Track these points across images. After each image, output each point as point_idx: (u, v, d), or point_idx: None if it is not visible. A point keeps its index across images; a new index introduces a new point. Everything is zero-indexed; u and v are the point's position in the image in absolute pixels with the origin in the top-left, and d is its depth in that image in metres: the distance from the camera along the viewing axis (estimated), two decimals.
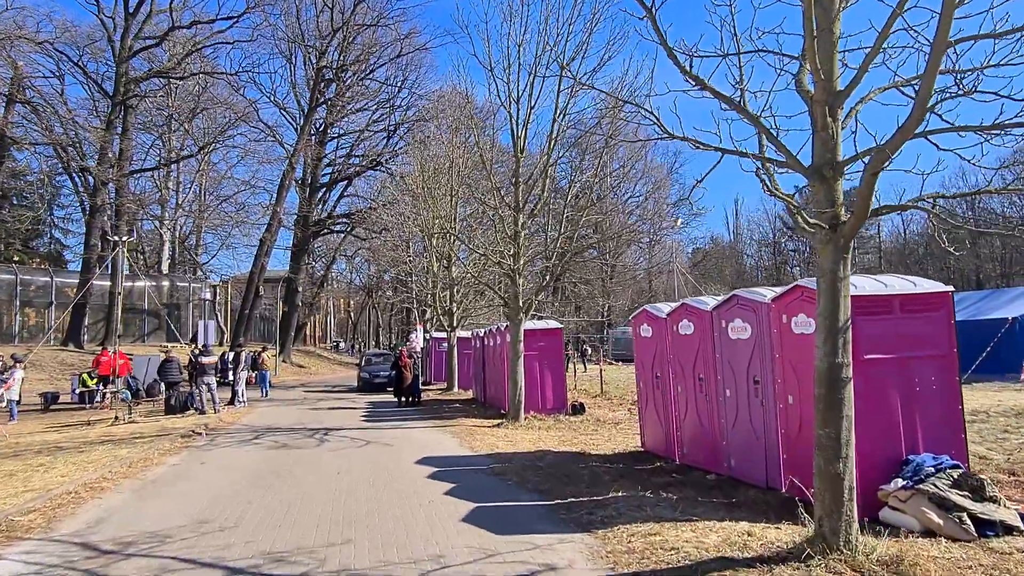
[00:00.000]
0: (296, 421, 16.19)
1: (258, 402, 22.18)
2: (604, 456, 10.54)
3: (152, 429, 14.97)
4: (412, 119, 42.84)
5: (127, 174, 34.86)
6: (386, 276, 58.13)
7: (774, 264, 78.41)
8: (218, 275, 53.51)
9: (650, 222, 51.27)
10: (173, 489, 8.37)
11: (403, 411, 18.67)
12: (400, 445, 12.04)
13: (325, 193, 46.59)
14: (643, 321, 10.81)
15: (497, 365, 18.61)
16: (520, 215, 15.26)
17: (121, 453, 11.06)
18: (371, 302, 69.13)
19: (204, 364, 18.47)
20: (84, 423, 16.94)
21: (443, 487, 8.24)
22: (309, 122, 39.57)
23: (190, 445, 12.29)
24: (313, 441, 12.68)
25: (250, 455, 11.02)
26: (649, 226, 52.23)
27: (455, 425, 14.92)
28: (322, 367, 45.51)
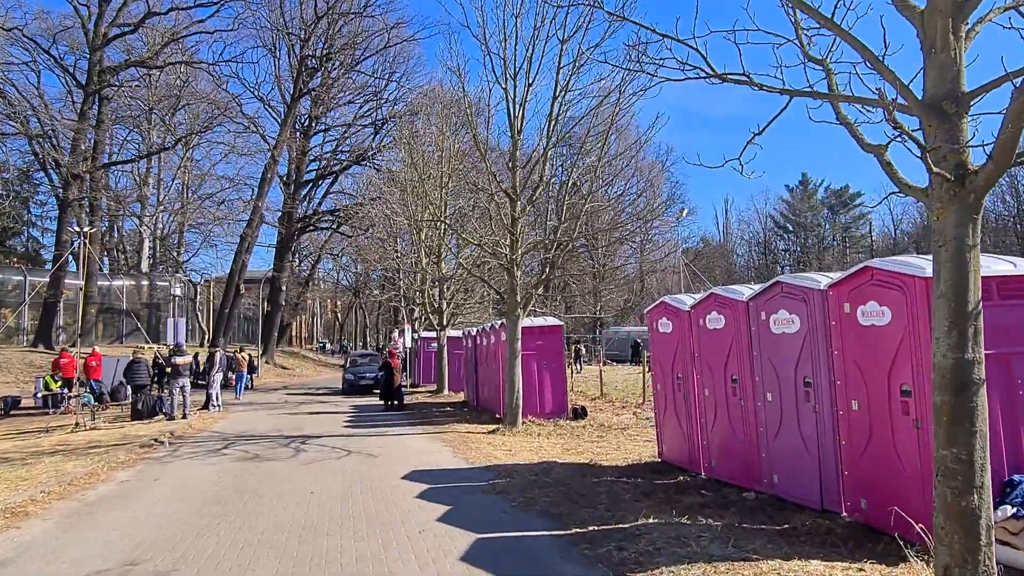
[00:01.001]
0: (272, 427, 14.81)
1: (234, 405, 20.76)
2: (618, 469, 9.25)
3: (113, 437, 13.55)
4: (400, 113, 41.44)
5: (100, 167, 33.28)
6: (373, 275, 56.73)
7: (764, 263, 77.71)
8: (200, 274, 51.93)
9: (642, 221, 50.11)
10: (110, 516, 7.00)
11: (389, 415, 17.33)
12: (386, 455, 10.71)
13: (310, 190, 45.16)
14: (661, 315, 9.54)
15: (491, 366, 17.32)
16: (518, 202, 13.97)
17: (67, 467, 9.67)
18: (358, 302, 67.61)
19: (177, 365, 17.05)
20: (42, 430, 15.52)
21: (436, 511, 6.93)
22: (292, 113, 38.06)
23: (148, 457, 10.90)
24: (288, 451, 11.31)
25: (213, 469, 9.65)
26: (640, 225, 51.06)
27: (447, 431, 13.60)
28: (307, 368, 43.99)
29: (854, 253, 73.96)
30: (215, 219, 44.11)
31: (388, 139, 42.02)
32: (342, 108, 44.77)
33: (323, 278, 66.25)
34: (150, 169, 47.16)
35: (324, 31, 38.78)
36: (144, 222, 46.26)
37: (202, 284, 49.64)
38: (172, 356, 17.47)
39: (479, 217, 17.94)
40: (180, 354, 17.52)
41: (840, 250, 76.27)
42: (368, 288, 59.68)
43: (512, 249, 13.67)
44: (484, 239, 14.76)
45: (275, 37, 40.18)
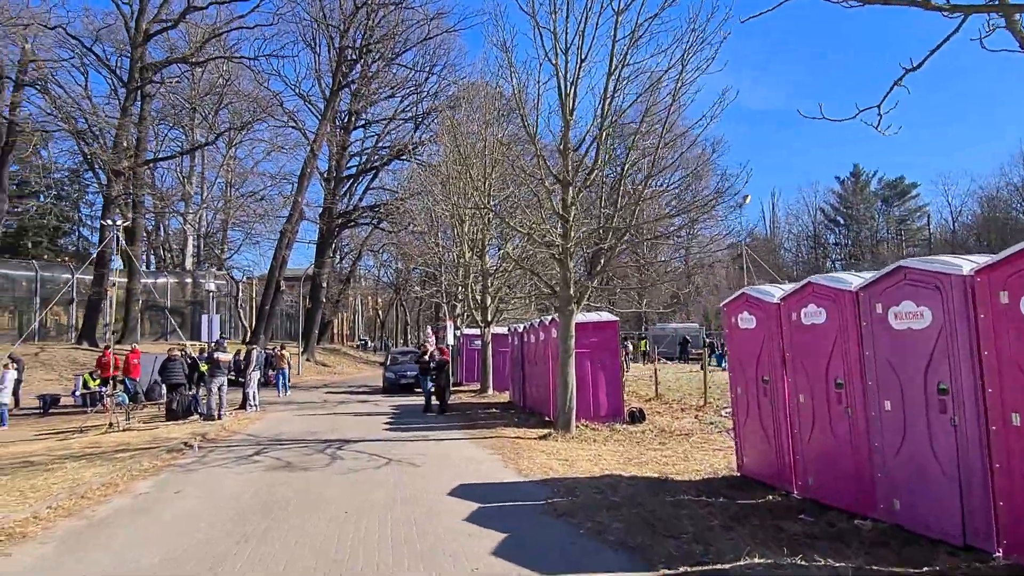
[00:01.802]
0: (309, 429, 13.95)
1: (273, 404, 20.07)
2: (692, 485, 8.07)
3: (143, 439, 12.87)
4: (440, 107, 40.60)
5: (142, 163, 33.14)
6: (414, 272, 56.16)
7: (813, 257, 75.15)
8: (242, 272, 52.03)
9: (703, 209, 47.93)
10: (116, 540, 6.12)
11: (432, 417, 16.35)
12: (429, 465, 9.70)
13: (351, 186, 44.70)
14: (742, 308, 8.32)
15: (539, 364, 16.23)
16: (570, 187, 12.83)
17: (85, 475, 8.90)
18: (399, 299, 67.18)
19: (219, 361, 16.39)
20: (76, 430, 15.00)
21: (489, 540, 5.87)
22: (332, 106, 37.46)
23: (173, 464, 10.09)
24: (323, 458, 10.39)
25: (240, 481, 8.76)
26: (700, 214, 48.96)
27: (494, 436, 12.55)
28: (347, 366, 43.51)
29: (911, 247, 70.95)
30: (256, 216, 44.06)
31: (429, 133, 41.28)
32: (382, 103, 44.23)
33: (364, 275, 66.07)
34: (193, 167, 47.37)
35: (363, 22, 38.13)
36: (188, 220, 46.40)
37: (244, 281, 49.67)
38: (214, 352, 16.82)
39: (526, 207, 16.85)
40: (222, 350, 16.86)
41: (896, 243, 73.21)
42: (409, 285, 59.18)
43: (565, 238, 12.53)
44: (534, 227, 13.66)
45: (315, 31, 39.77)
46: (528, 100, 13.26)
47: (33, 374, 26.51)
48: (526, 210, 13.23)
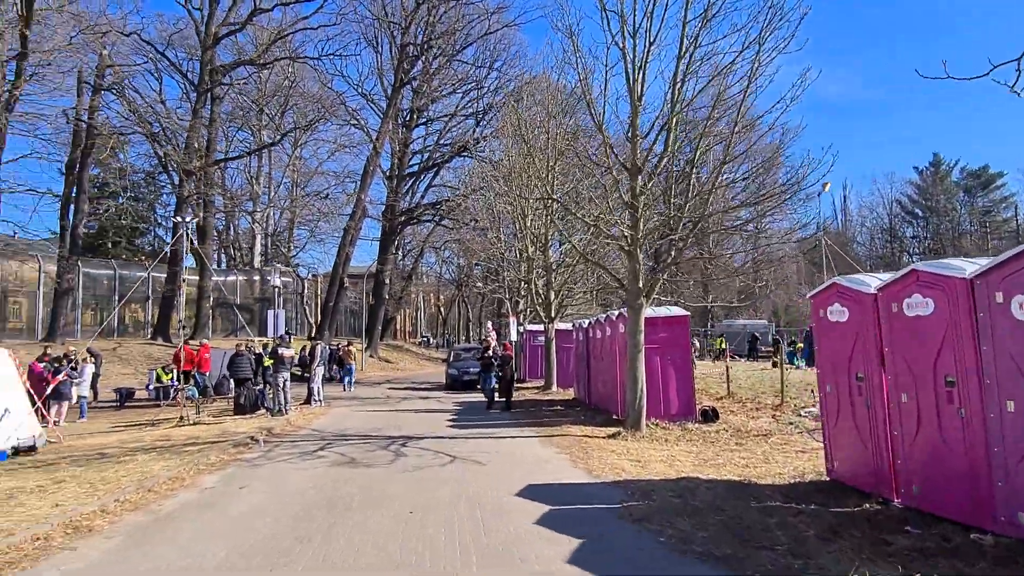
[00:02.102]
0: (373, 426, 13.84)
1: (337, 399, 20.15)
2: (778, 490, 7.49)
3: (212, 433, 12.98)
4: (500, 103, 40.38)
5: (212, 164, 33.99)
6: (476, 268, 56.22)
7: (889, 251, 71.81)
8: (308, 269, 53.05)
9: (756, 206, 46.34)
10: (180, 536, 5.98)
11: (496, 415, 16.05)
12: (495, 464, 9.37)
13: (413, 183, 44.97)
14: (832, 300, 7.67)
15: (605, 361, 15.74)
16: (639, 177, 12.30)
17: (154, 469, 8.91)
18: (460, 295, 67.43)
19: (284, 357, 16.51)
20: (148, 423, 15.33)
21: (563, 546, 5.48)
22: (394, 104, 37.67)
23: (240, 458, 10.05)
24: (387, 455, 10.19)
25: (305, 476, 8.61)
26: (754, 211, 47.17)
27: (561, 435, 12.14)
28: (410, 362, 43.78)
29: (996, 239, 67.04)
30: (321, 214, 44.79)
31: (489, 129, 41.14)
32: (443, 100, 44.31)
33: (426, 272, 66.52)
34: (261, 168, 48.54)
35: (424, 18, 38.19)
36: (256, 219, 47.54)
37: (309, 279, 50.63)
38: (278, 348, 16.96)
39: (591, 198, 16.37)
40: (285, 346, 16.98)
41: (980, 236, 69.28)
42: (470, 281, 59.30)
43: (634, 229, 12.01)
44: (600, 218, 13.18)
45: (376, 29, 40.06)
46: (594, 87, 12.79)
47: (111, 368, 27.48)
48: (594, 200, 12.73)
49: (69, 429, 14.93)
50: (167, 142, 33.86)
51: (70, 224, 30.32)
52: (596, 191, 14.72)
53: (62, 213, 30.58)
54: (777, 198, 11.44)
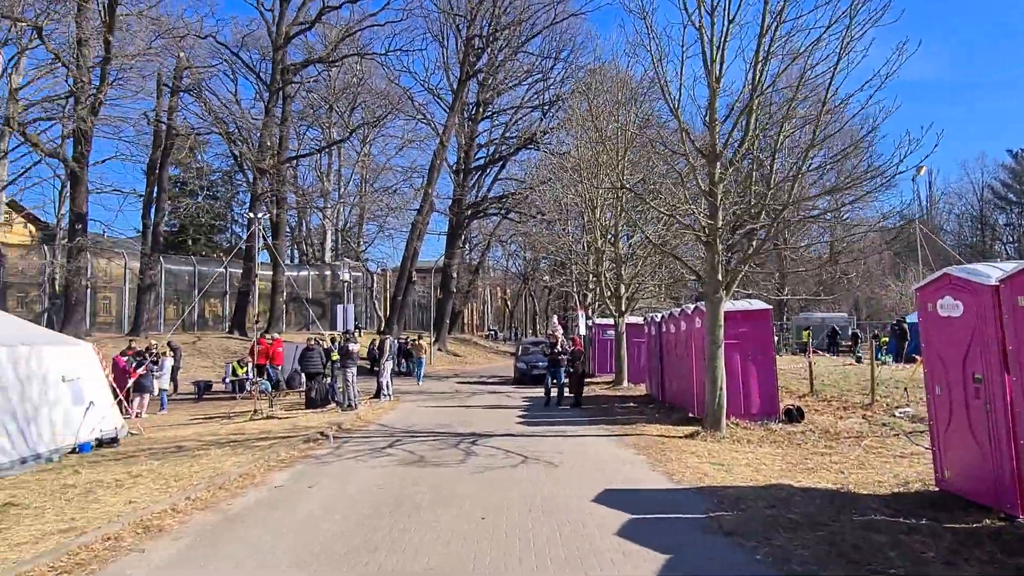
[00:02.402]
0: (441, 421, 13.65)
1: (407, 394, 20.14)
2: (882, 500, 6.82)
3: (283, 427, 13.05)
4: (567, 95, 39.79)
5: (284, 161, 34.68)
6: (543, 262, 55.88)
7: (980, 240, 67.57)
8: (376, 264, 53.79)
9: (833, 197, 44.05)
10: (247, 539, 5.82)
11: (567, 411, 15.63)
12: (569, 465, 8.96)
13: (479, 177, 44.97)
14: (943, 292, 6.93)
15: (681, 356, 15.10)
16: (717, 163, 11.64)
17: (226, 465, 8.89)
18: (527, 289, 67.20)
19: (352, 351, 16.55)
20: (224, 416, 15.59)
21: (649, 561, 5.04)
22: (460, 97, 37.62)
23: (309, 455, 9.97)
24: (456, 453, 9.92)
25: (373, 476, 8.41)
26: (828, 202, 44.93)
27: (636, 434, 11.64)
28: (477, 356, 43.81)
29: None
30: (389, 209, 45.26)
31: (556, 121, 40.63)
32: (509, 92, 44.06)
33: (492, 266, 66.60)
34: (331, 165, 49.45)
35: (489, 10, 37.95)
36: (326, 215, 48.43)
37: (378, 273, 51.31)
38: (347, 342, 17.01)
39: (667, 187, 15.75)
40: (353, 340, 17.02)
41: None
42: (537, 275, 59.01)
43: (713, 218, 11.36)
44: (677, 207, 12.57)
45: (442, 24, 40.11)
46: (669, 70, 12.15)
47: (191, 361, 28.38)
48: (669, 189, 12.13)
49: (150, 421, 15.33)
50: (242, 141, 34.72)
51: (152, 222, 31.44)
52: (670, 179, 14.08)
53: (144, 212, 31.81)
54: (872, 182, 10.58)
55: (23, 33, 29.12)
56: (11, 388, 10.69)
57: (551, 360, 17.14)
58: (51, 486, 8.01)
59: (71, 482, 8.21)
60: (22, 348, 11.35)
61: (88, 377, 12.82)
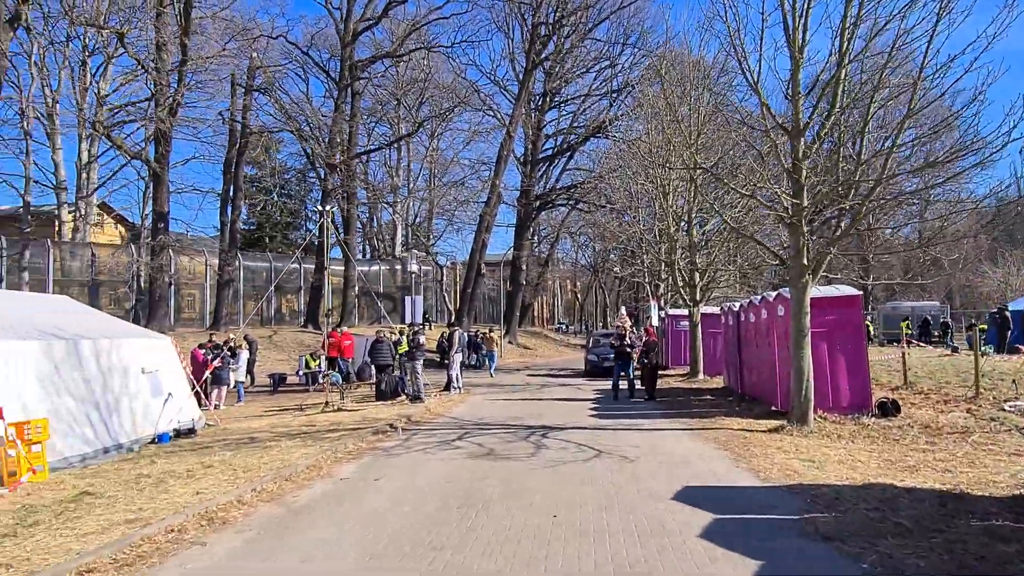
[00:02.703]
0: (511, 414, 13.34)
1: (477, 387, 19.96)
2: (1002, 503, 6.09)
3: (353, 419, 13.01)
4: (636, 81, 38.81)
5: (353, 156, 35.10)
6: (612, 254, 55.02)
7: None
8: (446, 257, 54.14)
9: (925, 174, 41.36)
10: (310, 532, 5.62)
11: (641, 404, 15.09)
12: (645, 461, 8.47)
13: (547, 168, 44.50)
14: None
15: (760, 346, 14.32)
16: (801, 139, 10.86)
17: (294, 457, 8.81)
18: (597, 281, 66.36)
19: (419, 344, 16.46)
20: (297, 408, 15.74)
21: (736, 568, 4.56)
22: (526, 87, 37.18)
23: (377, 447, 9.81)
24: (527, 447, 9.58)
25: (441, 469, 8.15)
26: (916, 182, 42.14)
27: (715, 427, 11.02)
28: (547, 348, 43.46)
29: None
30: (457, 202, 45.38)
31: (624, 109, 39.76)
32: (576, 81, 43.34)
33: (561, 258, 66.07)
34: (400, 160, 50.00)
35: None
36: (396, 210, 48.98)
37: (448, 267, 51.59)
38: (415, 335, 16.92)
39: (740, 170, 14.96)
40: (420, 333, 16.92)
41: None
42: (607, 265, 58.17)
43: (797, 197, 10.60)
44: (758, 186, 11.84)
45: (507, 14, 39.77)
46: (747, 42, 11.42)
47: (267, 354, 29.09)
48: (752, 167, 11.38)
49: (228, 412, 15.63)
50: (313, 139, 35.31)
51: (228, 220, 32.35)
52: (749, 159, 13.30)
53: (222, 210, 32.73)
54: (978, 154, 9.58)
55: (108, 42, 30.49)
56: (94, 380, 10.97)
57: (618, 352, 16.48)
58: (127, 475, 8.09)
59: (146, 472, 8.27)
60: (104, 341, 11.65)
61: (167, 370, 13.10)
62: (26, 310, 12.12)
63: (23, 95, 28.82)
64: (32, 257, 29.98)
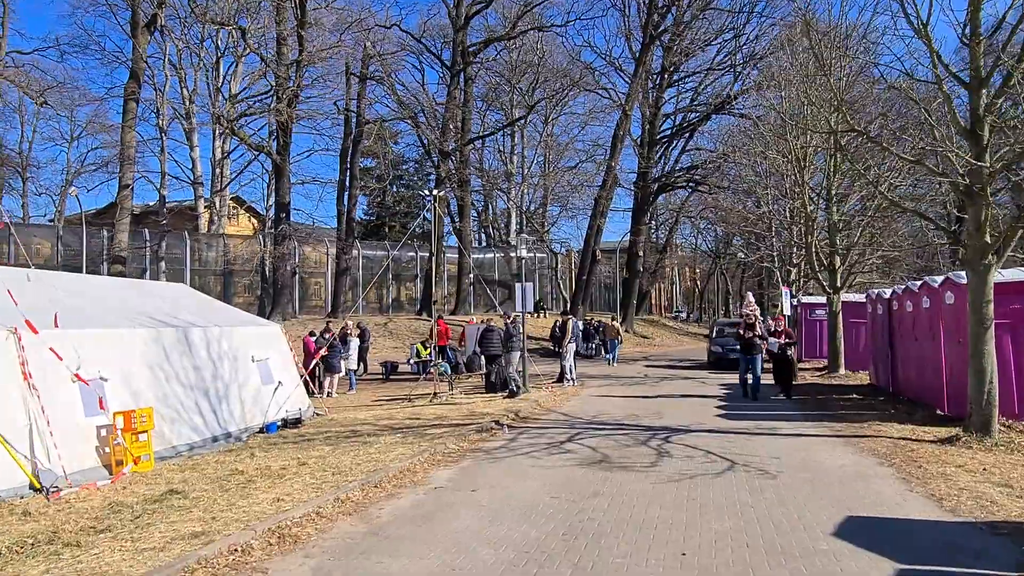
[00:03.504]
0: (629, 411, 12.15)
1: (592, 378, 18.87)
2: None
3: (460, 413, 12.29)
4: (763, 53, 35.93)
5: (466, 143, 34.68)
6: (735, 240, 52.00)
7: None
8: (561, 245, 53.19)
9: None
10: (389, 558, 4.75)
11: (776, 403, 13.43)
12: (789, 477, 7.09)
13: (666, 149, 42.38)
14: None
15: (922, 339, 12.33)
16: (982, 92, 8.95)
17: (388, 457, 8.10)
18: (718, 267, 63.17)
19: (513, 333, 15.53)
20: (405, 398, 15.29)
21: None
22: (643, 62, 35.24)
23: (480, 448, 8.95)
24: (647, 453, 8.40)
25: (547, 478, 7.14)
26: None
27: (870, 435, 9.37)
28: (666, 338, 41.53)
29: None
30: (571, 187, 44.24)
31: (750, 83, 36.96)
32: (697, 55, 40.79)
33: (680, 244, 63.42)
34: (514, 147, 49.41)
35: None
36: (510, 197, 48.49)
37: (563, 254, 50.56)
38: (509, 325, 15.99)
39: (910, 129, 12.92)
40: (519, 321, 15.98)
41: None
42: (730, 251, 55.19)
43: (978, 160, 8.72)
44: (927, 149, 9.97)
45: None
46: None
47: (382, 342, 29.28)
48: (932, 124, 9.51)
49: (339, 401, 15.44)
50: (427, 126, 35.19)
51: (345, 208, 32.81)
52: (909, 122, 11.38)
53: (339, 199, 33.23)
54: None
55: (238, 42, 31.59)
56: (204, 368, 10.81)
57: (745, 344, 14.48)
58: (222, 471, 7.68)
59: (241, 467, 7.84)
60: (214, 329, 11.51)
61: (276, 358, 12.93)
62: (141, 298, 12.22)
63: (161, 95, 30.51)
64: (170, 249, 31.76)
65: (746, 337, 14.38)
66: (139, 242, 30.61)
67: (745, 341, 14.44)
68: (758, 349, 14.27)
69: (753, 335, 14.31)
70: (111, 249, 28.59)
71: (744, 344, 14.52)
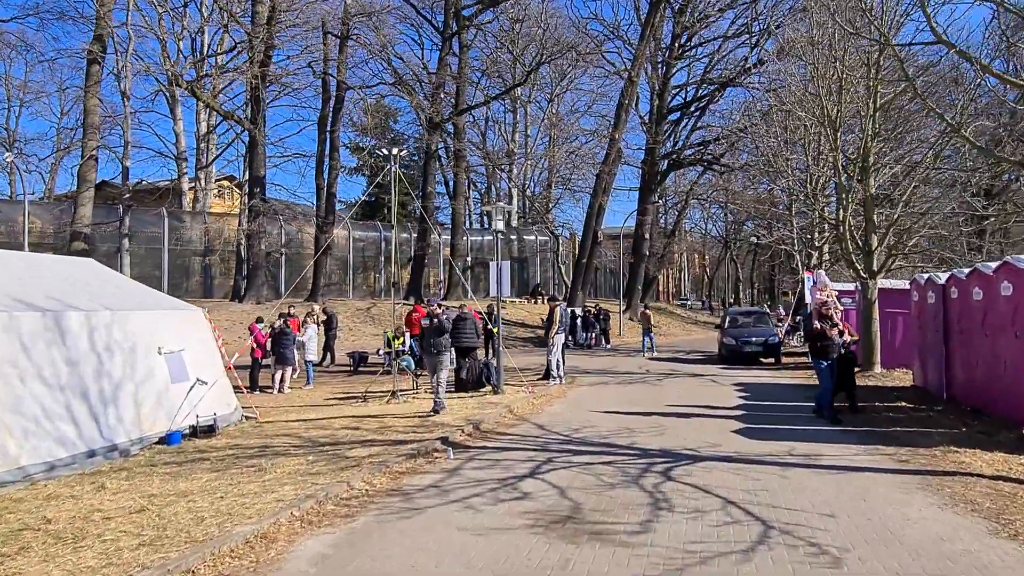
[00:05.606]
0: (620, 426, 9.51)
1: (586, 374, 16.30)
2: None
3: (407, 423, 9.72)
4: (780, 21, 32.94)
5: (458, 113, 31.87)
6: (747, 225, 49.22)
7: None
8: (565, 229, 50.56)
9: None
10: None
11: (813, 418, 10.54)
12: (860, 557, 4.48)
13: (675, 125, 39.51)
14: None
15: (994, 335, 9.68)
16: None
17: (261, 503, 5.57)
18: (728, 253, 60.35)
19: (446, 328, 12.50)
20: (360, 397, 12.81)
21: None
22: (651, 23, 32.19)
23: (403, 486, 6.34)
24: (636, 502, 5.78)
25: (475, 562, 4.56)
26: None
27: (950, 471, 6.71)
28: (674, 327, 38.84)
29: None
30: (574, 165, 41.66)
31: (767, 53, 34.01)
32: (710, 24, 37.82)
33: (690, 230, 60.64)
34: (516, 126, 46.71)
35: None
36: (511, 176, 45.83)
37: (566, 238, 47.93)
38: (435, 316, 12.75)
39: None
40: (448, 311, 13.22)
41: None
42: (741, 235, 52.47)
43: None
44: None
45: None
46: None
47: (362, 329, 26.83)
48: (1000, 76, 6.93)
49: (290, 398, 13.14)
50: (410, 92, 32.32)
51: (325, 182, 30.16)
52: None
53: (317, 172, 30.56)
54: None
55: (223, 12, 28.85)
56: (84, 362, 8.29)
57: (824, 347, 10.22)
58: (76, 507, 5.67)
59: (94, 502, 5.61)
60: (103, 313, 8.94)
61: (197, 349, 10.41)
62: (20, 276, 9.66)
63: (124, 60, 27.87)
64: (148, 227, 29.40)
65: (828, 335, 10.23)
66: (112, 218, 28.34)
67: (826, 341, 10.24)
68: (832, 350, 10.22)
69: (824, 331, 10.19)
70: (71, 225, 26.22)
71: (823, 347, 10.27)
